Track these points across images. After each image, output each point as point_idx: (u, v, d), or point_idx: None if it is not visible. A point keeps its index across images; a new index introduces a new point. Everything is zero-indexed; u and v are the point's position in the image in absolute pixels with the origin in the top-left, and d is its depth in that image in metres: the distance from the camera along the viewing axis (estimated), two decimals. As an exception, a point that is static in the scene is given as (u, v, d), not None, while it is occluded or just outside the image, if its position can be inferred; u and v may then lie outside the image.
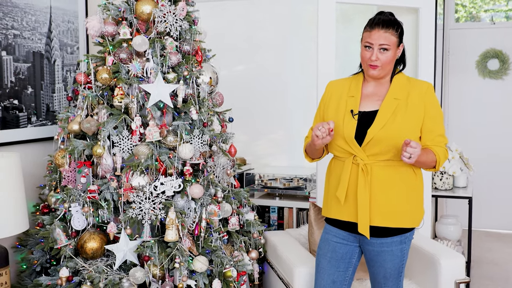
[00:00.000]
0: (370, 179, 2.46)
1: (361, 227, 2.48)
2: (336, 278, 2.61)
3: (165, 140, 2.89)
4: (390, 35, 2.45)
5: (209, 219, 2.95)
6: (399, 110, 2.46)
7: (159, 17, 2.95)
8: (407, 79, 2.58)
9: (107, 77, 2.95)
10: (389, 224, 2.47)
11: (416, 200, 2.54)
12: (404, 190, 2.49)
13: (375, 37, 2.45)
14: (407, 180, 2.50)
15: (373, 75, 2.51)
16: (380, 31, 2.45)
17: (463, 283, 2.97)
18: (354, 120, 2.49)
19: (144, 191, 2.79)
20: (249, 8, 5.35)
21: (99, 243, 2.86)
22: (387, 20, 2.47)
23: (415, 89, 2.51)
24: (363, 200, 2.46)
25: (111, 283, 2.72)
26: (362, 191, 2.46)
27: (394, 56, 2.50)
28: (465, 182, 5.01)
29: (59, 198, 2.92)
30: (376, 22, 2.47)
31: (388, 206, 2.47)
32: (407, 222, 2.50)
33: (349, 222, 2.54)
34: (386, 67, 2.49)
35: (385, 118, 2.44)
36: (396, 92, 2.50)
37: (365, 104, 2.54)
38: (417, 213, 2.55)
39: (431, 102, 2.49)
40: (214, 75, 3.21)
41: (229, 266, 2.91)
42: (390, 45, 2.45)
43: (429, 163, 2.48)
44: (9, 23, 3.09)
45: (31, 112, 3.27)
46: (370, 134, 2.44)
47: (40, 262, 3.01)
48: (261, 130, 5.37)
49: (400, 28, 2.50)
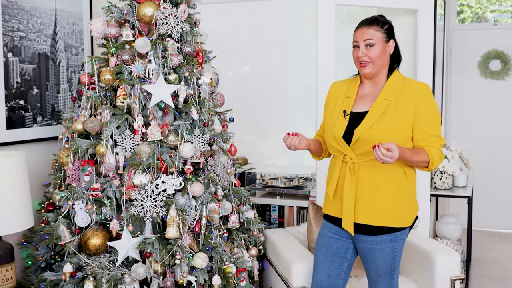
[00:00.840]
0: (357, 178, 2.53)
1: (345, 223, 2.56)
2: (331, 272, 2.68)
3: (167, 139, 2.95)
4: (374, 31, 2.53)
5: (210, 217, 3.01)
6: (388, 110, 2.50)
7: (160, 19, 3.00)
8: (403, 79, 2.62)
9: (110, 78, 3.01)
10: (374, 223, 2.53)
11: (405, 200, 2.57)
12: (392, 190, 2.53)
13: (359, 34, 2.55)
14: (396, 180, 2.54)
15: (365, 73, 2.57)
16: (363, 28, 2.55)
17: (458, 280, 3.02)
18: (345, 120, 2.56)
19: (146, 189, 2.84)
20: (252, 10, 5.39)
21: (102, 240, 2.92)
22: (371, 19, 2.57)
23: (407, 89, 2.55)
24: (348, 197, 2.53)
25: (113, 278, 2.78)
26: (347, 189, 2.54)
27: (383, 51, 2.55)
28: (464, 181, 5.05)
29: (63, 196, 2.98)
30: (360, 22, 2.59)
31: (374, 204, 2.52)
32: (394, 222, 2.54)
33: (339, 218, 2.61)
34: (376, 62, 2.54)
35: (373, 119, 2.50)
36: (388, 93, 2.55)
37: (359, 104, 2.60)
38: (406, 213, 2.58)
39: (423, 103, 2.52)
40: (215, 76, 3.27)
41: (229, 263, 2.97)
42: (375, 40, 2.52)
43: (420, 163, 2.51)
44: (15, 26, 3.17)
45: (36, 112, 3.35)
46: (357, 134, 2.50)
47: (44, 258, 3.07)
48: (265, 131, 5.41)
49: (386, 25, 2.57)
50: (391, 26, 2.60)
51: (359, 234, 2.57)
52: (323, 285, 2.70)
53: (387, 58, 2.59)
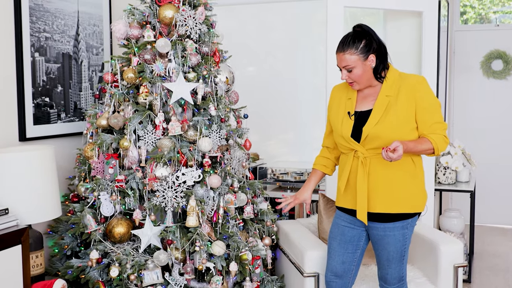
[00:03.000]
0: (368, 170, 2.70)
1: (359, 214, 2.73)
2: (346, 259, 2.85)
3: (186, 134, 3.11)
4: (349, 55, 2.62)
5: (226, 207, 3.17)
6: (390, 106, 2.67)
7: (180, 21, 3.16)
8: (399, 75, 2.76)
9: (133, 76, 3.17)
10: (388, 210, 2.70)
11: (416, 187, 2.75)
12: (403, 178, 2.71)
13: (337, 61, 2.69)
14: (406, 169, 2.71)
15: (356, 90, 2.75)
16: (339, 54, 2.66)
17: (461, 267, 3.19)
18: (351, 121, 2.74)
19: (167, 181, 3.00)
20: (260, 11, 5.50)
21: (126, 228, 3.08)
22: (344, 42, 2.65)
23: (405, 84, 2.70)
24: (361, 189, 2.71)
25: (137, 264, 2.94)
26: (360, 182, 2.71)
27: (364, 70, 2.66)
28: (467, 177, 5.21)
29: (89, 188, 3.14)
30: (337, 47, 2.68)
31: (387, 193, 2.70)
32: (407, 208, 2.72)
33: (353, 210, 2.78)
34: (361, 81, 2.69)
35: (378, 116, 2.67)
36: (387, 90, 2.71)
37: (361, 104, 2.77)
38: (417, 199, 2.76)
39: (421, 94, 2.67)
40: (231, 75, 3.44)
41: (245, 250, 3.14)
42: (352, 65, 2.63)
43: (425, 151, 2.68)
44: (41, 27, 3.34)
45: (60, 109, 3.52)
46: (366, 132, 2.67)
47: (70, 247, 3.24)
48: (271, 131, 5.51)
49: (360, 42, 2.63)
50: (367, 40, 2.64)
51: (373, 222, 2.74)
52: (338, 271, 2.87)
53: (371, 72, 2.70)
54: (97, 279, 3.03)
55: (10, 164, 2.73)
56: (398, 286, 2.86)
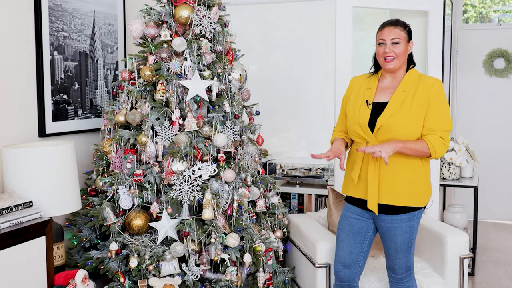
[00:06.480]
0: (379, 163, 2.82)
1: (370, 204, 2.84)
2: (354, 250, 2.96)
3: (202, 130, 3.21)
4: (399, 31, 2.83)
5: (240, 201, 3.28)
6: (406, 101, 2.78)
7: (195, 20, 3.27)
8: (418, 75, 2.90)
9: (150, 74, 3.27)
10: (395, 203, 2.81)
11: (422, 183, 2.86)
12: (411, 174, 2.82)
13: (386, 33, 2.84)
14: (414, 166, 2.83)
15: (389, 68, 2.84)
16: (390, 28, 2.84)
17: (467, 258, 3.30)
18: (368, 109, 2.85)
19: (183, 175, 3.11)
20: (265, 9, 5.54)
21: (144, 221, 3.18)
22: (395, 20, 2.87)
23: (423, 84, 2.83)
24: (372, 180, 2.82)
25: (155, 255, 3.05)
26: (372, 173, 2.83)
27: (406, 49, 2.85)
28: (471, 172, 5.31)
29: (107, 182, 3.24)
30: (386, 23, 2.88)
31: (394, 187, 2.81)
32: (413, 202, 2.83)
33: (362, 200, 2.89)
34: (400, 58, 2.83)
35: (393, 108, 2.78)
36: (406, 86, 2.83)
37: (379, 96, 2.89)
38: (423, 194, 2.87)
39: (435, 96, 2.79)
40: (243, 73, 3.55)
41: (259, 242, 3.25)
42: (400, 39, 2.82)
43: (421, 152, 2.76)
44: (59, 26, 3.44)
45: (77, 106, 3.62)
46: (380, 122, 2.78)
47: (89, 239, 3.34)
48: (277, 129, 5.55)
49: (407, 27, 2.88)
50: (410, 29, 2.90)
51: (381, 214, 2.85)
52: (346, 262, 2.98)
53: (407, 56, 2.88)
54: (116, 270, 3.13)
55: (33, 159, 2.84)
56: (406, 275, 2.97)
